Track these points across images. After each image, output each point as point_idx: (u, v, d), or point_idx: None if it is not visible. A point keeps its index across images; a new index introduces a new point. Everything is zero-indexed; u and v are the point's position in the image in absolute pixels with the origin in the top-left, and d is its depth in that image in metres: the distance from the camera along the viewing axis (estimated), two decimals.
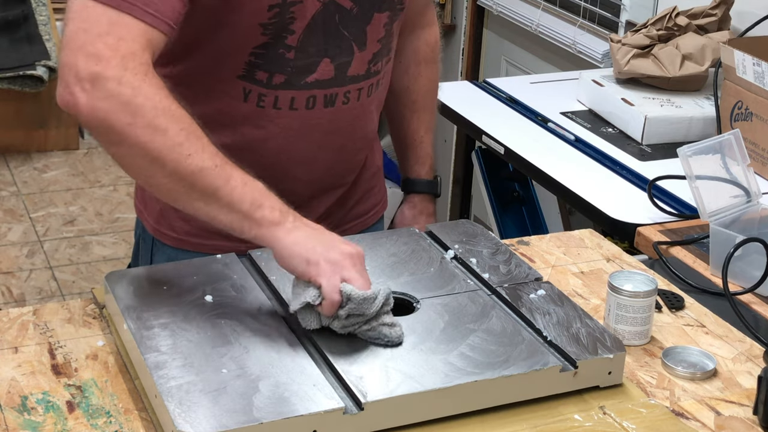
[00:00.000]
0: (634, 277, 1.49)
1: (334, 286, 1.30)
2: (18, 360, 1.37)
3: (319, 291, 1.31)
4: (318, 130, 1.60)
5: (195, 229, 1.64)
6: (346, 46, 1.56)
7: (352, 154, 1.69)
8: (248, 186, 1.34)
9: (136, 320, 1.35)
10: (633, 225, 1.93)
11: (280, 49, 1.52)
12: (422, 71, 1.82)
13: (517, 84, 2.73)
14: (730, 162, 1.82)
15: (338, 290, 1.30)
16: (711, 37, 2.45)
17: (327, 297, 1.30)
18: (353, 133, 1.66)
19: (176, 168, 1.31)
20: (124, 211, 4.16)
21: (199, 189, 1.32)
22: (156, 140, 1.30)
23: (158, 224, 1.67)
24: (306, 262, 1.32)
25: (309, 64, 1.55)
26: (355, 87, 1.60)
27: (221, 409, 1.19)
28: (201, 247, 1.63)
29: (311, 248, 1.32)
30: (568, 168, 2.22)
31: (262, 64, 1.52)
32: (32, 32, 4.51)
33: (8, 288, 3.59)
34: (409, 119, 1.82)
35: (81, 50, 1.31)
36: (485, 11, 3.75)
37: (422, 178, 1.88)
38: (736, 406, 1.37)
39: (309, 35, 1.52)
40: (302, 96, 1.56)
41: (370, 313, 1.32)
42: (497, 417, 1.29)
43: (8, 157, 4.50)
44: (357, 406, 1.23)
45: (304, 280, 1.33)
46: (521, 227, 2.76)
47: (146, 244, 1.71)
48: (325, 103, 1.58)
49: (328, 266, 1.31)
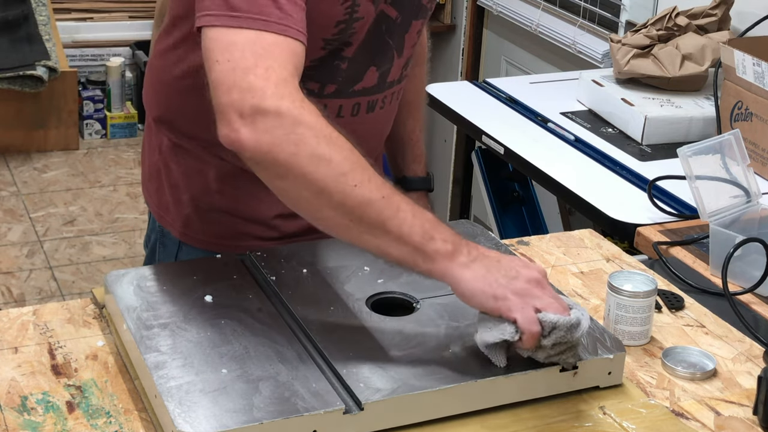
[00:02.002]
0: (633, 277, 1.49)
1: (531, 319, 1.25)
2: (18, 360, 1.37)
3: (515, 326, 1.26)
4: (358, 135, 1.58)
5: (225, 231, 1.64)
6: (389, 54, 1.59)
7: (377, 153, 1.73)
8: (418, 217, 1.29)
9: (136, 320, 1.35)
10: (633, 225, 1.93)
11: (336, 61, 1.53)
12: (416, 72, 1.84)
13: (517, 84, 2.73)
14: (730, 162, 1.82)
15: (536, 321, 1.25)
16: (711, 37, 2.45)
17: (526, 331, 1.25)
18: (382, 135, 1.71)
19: (343, 200, 1.27)
20: (124, 211, 4.17)
21: (366, 222, 1.28)
22: (320, 170, 1.26)
23: (186, 228, 1.66)
24: (493, 298, 1.27)
25: (357, 73, 1.56)
26: (390, 92, 1.63)
27: (221, 409, 1.19)
28: (231, 248, 1.60)
29: (494, 281, 1.27)
30: (568, 168, 2.22)
31: (314, 75, 1.52)
32: (32, 32, 4.51)
33: (8, 288, 3.59)
34: (405, 119, 1.83)
35: (234, 89, 1.29)
36: (485, 11, 3.76)
37: (418, 176, 1.89)
38: (736, 406, 1.37)
39: (362, 46, 1.54)
40: (349, 104, 1.58)
41: (576, 339, 1.28)
42: (497, 417, 1.29)
43: (8, 157, 4.50)
44: (357, 406, 1.23)
45: (495, 316, 1.28)
46: (521, 227, 2.76)
47: (168, 249, 1.69)
48: (368, 109, 1.61)
49: (518, 299, 1.27)
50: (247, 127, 1.27)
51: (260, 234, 1.64)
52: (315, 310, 1.40)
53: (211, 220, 1.64)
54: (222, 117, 1.30)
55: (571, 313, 1.27)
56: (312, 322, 1.37)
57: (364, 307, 1.41)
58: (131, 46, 4.87)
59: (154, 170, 1.69)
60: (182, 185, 1.64)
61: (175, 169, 1.64)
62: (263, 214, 1.62)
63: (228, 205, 1.62)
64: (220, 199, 1.62)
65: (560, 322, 1.25)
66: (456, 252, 1.28)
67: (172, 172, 1.65)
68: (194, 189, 1.63)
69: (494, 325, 1.27)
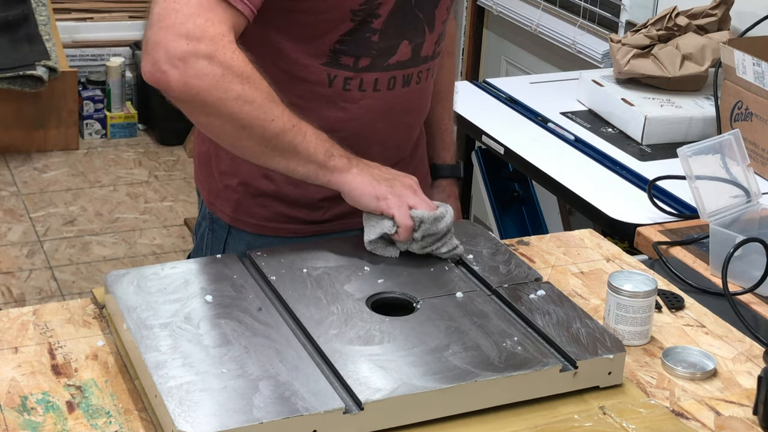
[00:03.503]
0: (633, 277, 1.49)
1: (405, 215, 1.50)
2: (18, 360, 1.37)
3: (392, 221, 1.50)
4: (396, 109, 1.68)
5: (273, 215, 1.70)
6: (420, 28, 1.64)
7: (415, 130, 1.78)
8: (319, 138, 1.51)
9: (136, 320, 1.35)
10: (633, 225, 1.93)
11: (367, 33, 1.58)
12: (445, 62, 1.87)
13: (517, 84, 2.73)
14: (730, 162, 1.82)
15: (409, 217, 1.50)
16: (711, 37, 2.45)
17: (401, 224, 1.50)
18: (420, 111, 1.76)
19: (262, 133, 1.46)
20: (124, 211, 4.17)
21: (280, 147, 1.48)
22: (244, 109, 1.44)
23: (236, 213, 1.72)
24: (376, 198, 1.51)
25: (390, 47, 1.62)
26: (425, 67, 1.69)
27: (221, 408, 1.19)
28: (279, 231, 1.70)
29: (377, 185, 1.52)
30: (568, 168, 2.22)
31: (347, 49, 1.59)
32: (32, 32, 4.51)
33: (8, 288, 3.59)
34: (434, 108, 1.87)
35: (171, 29, 1.40)
36: (485, 11, 3.76)
37: (448, 164, 1.94)
38: (736, 406, 1.37)
39: (391, 18, 1.59)
40: (385, 77, 1.64)
41: (441, 229, 1.51)
42: (497, 417, 1.29)
43: (8, 157, 4.50)
44: (357, 406, 1.23)
45: (377, 214, 1.52)
46: (521, 227, 2.76)
47: (217, 235, 1.75)
48: (404, 83, 1.66)
49: (396, 199, 1.51)
50: (177, 69, 1.40)
51: (306, 217, 1.70)
52: (315, 310, 1.40)
53: (259, 205, 1.70)
54: (149, 54, 1.42)
55: (438, 209, 1.52)
56: (312, 322, 1.37)
57: (364, 307, 1.41)
58: (131, 46, 4.87)
59: (204, 158, 1.75)
60: (231, 171, 1.70)
61: (224, 156, 1.70)
62: (310, 198, 1.68)
63: (275, 190, 1.68)
64: (267, 184, 1.68)
65: (426, 216, 1.50)
66: (350, 165, 1.52)
67: (221, 159, 1.71)
68: (242, 174, 1.69)
69: (377, 222, 1.52)
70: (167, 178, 4.47)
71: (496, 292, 1.48)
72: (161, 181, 4.44)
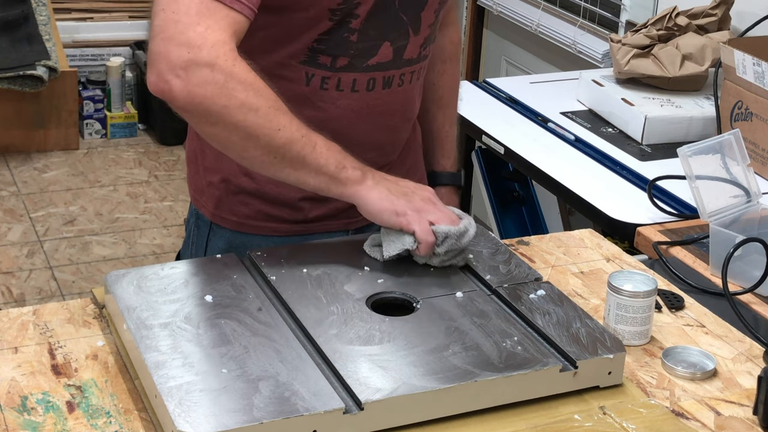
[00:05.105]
0: (634, 277, 1.49)
1: (426, 230, 1.47)
2: (18, 360, 1.37)
3: (413, 237, 1.47)
4: (375, 111, 1.67)
5: (254, 213, 1.69)
6: (404, 30, 1.62)
7: (400, 133, 1.76)
8: (331, 150, 1.48)
9: (136, 320, 1.35)
10: (633, 225, 1.93)
11: (345, 33, 1.58)
12: (447, 68, 1.86)
13: (517, 84, 2.73)
14: (730, 162, 1.82)
15: (431, 232, 1.47)
16: (711, 37, 2.45)
17: (423, 241, 1.47)
18: (404, 114, 1.73)
19: (269, 142, 1.44)
20: (124, 211, 4.17)
21: (289, 158, 1.46)
22: (249, 118, 1.42)
23: (217, 209, 1.72)
24: (395, 214, 1.48)
25: (371, 47, 1.60)
26: (408, 70, 1.67)
27: (221, 409, 1.19)
28: (259, 229, 1.70)
29: (395, 200, 1.49)
30: (568, 168, 2.22)
31: (325, 49, 1.58)
32: (32, 32, 4.51)
33: (8, 288, 3.59)
34: (435, 114, 1.86)
35: (172, 40, 1.40)
36: (485, 11, 3.76)
37: (448, 171, 1.92)
38: (736, 406, 1.37)
39: (370, 19, 1.58)
40: (363, 78, 1.63)
41: (465, 244, 1.49)
42: (497, 417, 1.29)
43: (8, 157, 4.50)
44: (357, 406, 1.23)
45: (396, 230, 1.49)
46: (521, 227, 2.76)
47: (201, 231, 1.75)
48: (384, 85, 1.65)
49: (416, 214, 1.48)
50: (180, 79, 1.39)
51: (286, 217, 1.69)
52: (315, 310, 1.40)
53: (240, 202, 1.70)
54: (153, 64, 1.42)
55: (460, 223, 1.49)
56: (312, 322, 1.37)
57: (364, 307, 1.41)
58: (131, 46, 4.87)
59: (192, 155, 1.76)
60: (214, 168, 1.71)
61: (209, 152, 1.71)
62: (289, 197, 1.67)
63: (256, 188, 1.68)
64: (248, 182, 1.68)
65: (451, 232, 1.48)
66: (364, 177, 1.49)
67: (206, 155, 1.72)
68: (224, 171, 1.69)
69: (396, 238, 1.49)
70: (167, 178, 4.47)
71: (496, 292, 1.48)
72: (161, 181, 4.44)
